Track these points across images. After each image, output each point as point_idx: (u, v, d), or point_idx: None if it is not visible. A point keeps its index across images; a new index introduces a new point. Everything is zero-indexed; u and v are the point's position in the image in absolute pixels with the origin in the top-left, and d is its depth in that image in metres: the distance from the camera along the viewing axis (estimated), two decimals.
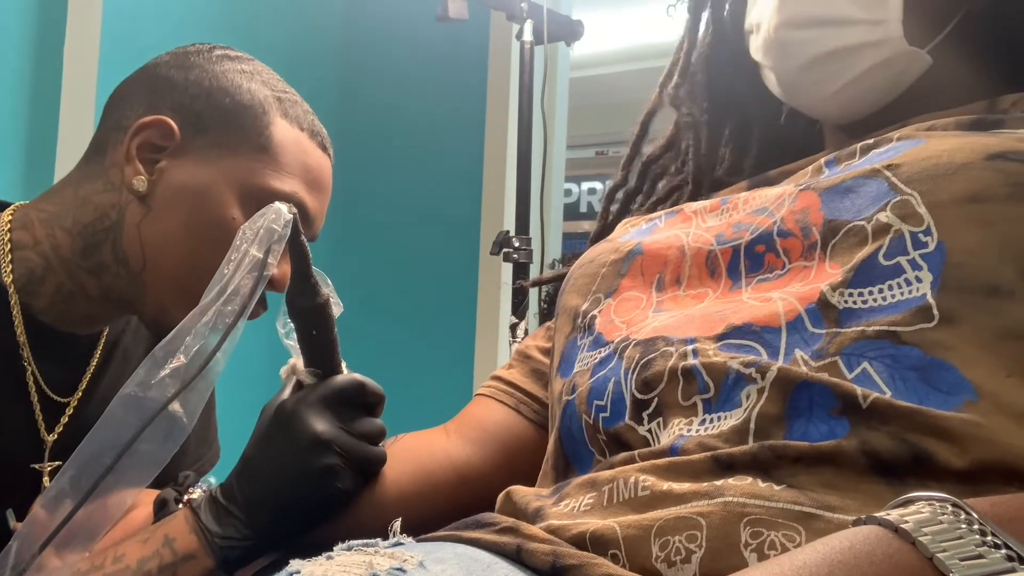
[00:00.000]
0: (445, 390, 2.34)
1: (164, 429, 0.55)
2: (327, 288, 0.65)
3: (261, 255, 0.59)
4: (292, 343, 0.66)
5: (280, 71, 0.89)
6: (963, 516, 0.35)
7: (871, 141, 0.58)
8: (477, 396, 0.74)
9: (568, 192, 5.04)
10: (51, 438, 0.83)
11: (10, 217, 0.83)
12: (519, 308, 1.68)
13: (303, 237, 0.63)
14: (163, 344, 0.57)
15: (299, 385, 0.66)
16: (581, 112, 2.94)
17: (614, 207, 0.79)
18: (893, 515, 0.36)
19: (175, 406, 0.55)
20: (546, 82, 1.91)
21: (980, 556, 0.34)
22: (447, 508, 0.65)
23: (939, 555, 0.34)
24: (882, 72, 0.61)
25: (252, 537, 0.62)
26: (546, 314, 1.62)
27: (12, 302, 0.79)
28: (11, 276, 0.80)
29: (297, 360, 0.66)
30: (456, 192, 2.47)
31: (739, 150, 0.75)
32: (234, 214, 0.80)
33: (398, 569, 0.43)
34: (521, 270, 1.77)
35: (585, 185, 5.28)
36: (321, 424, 0.62)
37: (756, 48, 0.66)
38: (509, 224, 1.88)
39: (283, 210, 0.61)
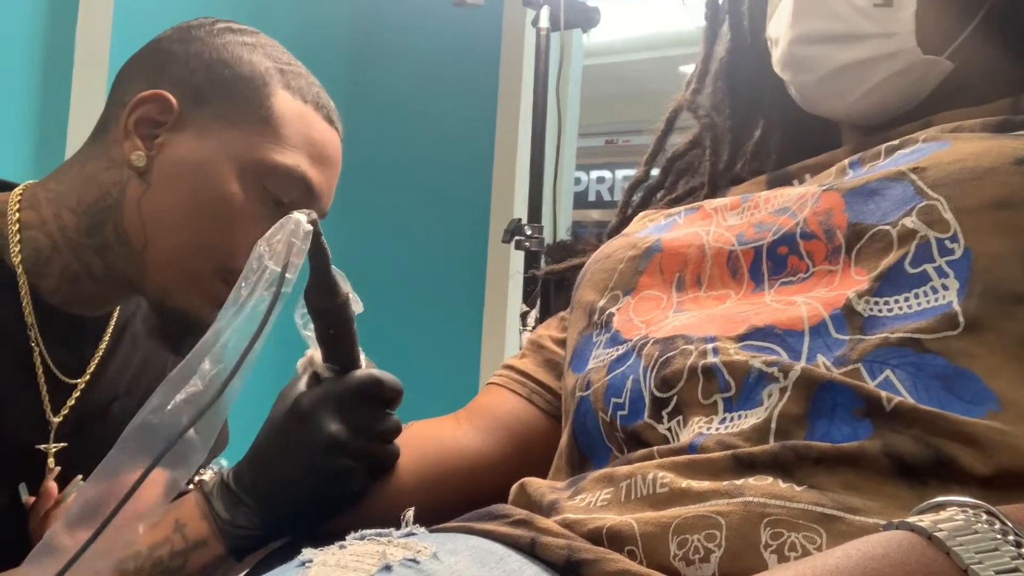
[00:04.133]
0: (451, 379, 2.34)
1: (180, 455, 0.53)
2: (346, 287, 0.63)
3: (280, 269, 0.57)
4: (310, 334, 0.65)
5: None
6: (998, 525, 0.35)
7: (896, 142, 0.58)
8: (489, 385, 0.74)
9: (577, 181, 5.02)
10: (57, 420, 0.83)
11: (19, 197, 0.82)
12: (530, 297, 1.67)
13: (323, 239, 0.62)
14: (179, 368, 0.55)
15: (315, 377, 0.65)
16: (591, 100, 2.92)
17: (634, 202, 0.78)
18: (927, 521, 0.36)
19: (191, 432, 0.54)
20: (561, 69, 1.89)
21: (1016, 570, 0.33)
22: (458, 497, 0.65)
23: (974, 567, 0.33)
24: (899, 81, 0.61)
25: (263, 526, 0.62)
26: (544, 296, 1.60)
27: (20, 283, 0.79)
28: (19, 257, 0.79)
29: (315, 352, 0.65)
30: (466, 180, 2.46)
31: (761, 150, 0.75)
32: (233, 188, 0.78)
33: (411, 559, 0.42)
34: (533, 258, 1.76)
35: (594, 174, 5.27)
36: (335, 425, 0.62)
37: (776, 62, 0.67)
38: (519, 212, 1.87)
39: (302, 221, 0.59)
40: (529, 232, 1.75)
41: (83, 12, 1.85)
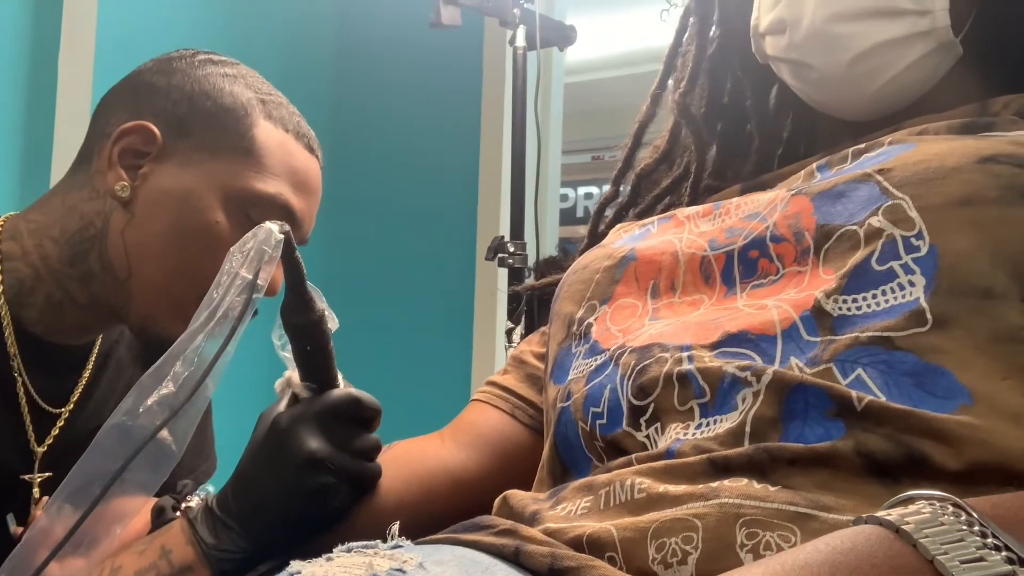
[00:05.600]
0: (442, 396, 2.33)
1: (153, 458, 0.54)
2: (322, 303, 0.64)
3: (251, 276, 0.58)
4: (288, 355, 0.65)
5: (274, 79, 0.89)
6: (964, 517, 0.35)
7: (863, 145, 0.58)
8: (472, 401, 0.74)
9: (564, 197, 5.04)
10: (41, 449, 0.83)
11: None
12: (515, 313, 1.68)
13: (298, 253, 0.62)
14: (151, 371, 0.56)
15: (295, 398, 0.65)
16: (576, 117, 2.95)
17: (607, 218, 0.78)
18: (894, 515, 0.36)
19: (164, 434, 0.54)
20: (540, 87, 1.91)
21: (981, 559, 0.33)
22: (443, 514, 0.65)
23: (940, 558, 0.34)
24: (928, 62, 0.60)
25: (248, 549, 0.62)
26: (529, 312, 1.58)
27: (3, 313, 0.79)
28: (1, 287, 0.79)
29: (292, 373, 0.65)
30: (452, 198, 2.47)
31: (739, 156, 0.74)
32: (218, 218, 0.79)
33: (398, 570, 0.43)
34: (516, 275, 1.77)
35: (581, 190, 5.29)
36: (315, 442, 0.62)
37: (788, 45, 0.63)
38: (505, 230, 1.88)
39: (274, 230, 0.60)
40: (512, 249, 1.75)
41: (65, 40, 1.86)
